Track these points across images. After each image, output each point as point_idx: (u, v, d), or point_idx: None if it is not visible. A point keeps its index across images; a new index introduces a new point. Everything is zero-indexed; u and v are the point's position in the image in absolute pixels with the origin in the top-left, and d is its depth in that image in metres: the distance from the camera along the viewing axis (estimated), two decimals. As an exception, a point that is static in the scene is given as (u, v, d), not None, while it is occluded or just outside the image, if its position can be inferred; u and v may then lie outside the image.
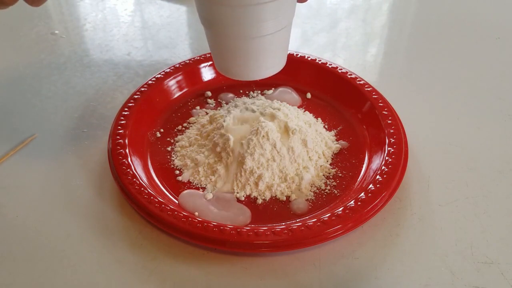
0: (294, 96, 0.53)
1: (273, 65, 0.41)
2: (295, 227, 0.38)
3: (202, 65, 0.55)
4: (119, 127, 0.46)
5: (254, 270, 0.37)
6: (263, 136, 0.43)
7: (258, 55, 0.39)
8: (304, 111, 0.51)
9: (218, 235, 0.37)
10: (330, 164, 0.46)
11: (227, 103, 0.52)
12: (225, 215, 0.41)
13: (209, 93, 0.54)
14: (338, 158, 0.46)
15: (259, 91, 0.54)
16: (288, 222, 0.39)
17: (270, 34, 0.37)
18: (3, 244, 0.40)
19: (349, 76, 0.52)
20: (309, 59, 0.55)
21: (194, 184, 0.44)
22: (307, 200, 0.42)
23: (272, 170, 0.43)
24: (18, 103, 0.55)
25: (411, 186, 0.44)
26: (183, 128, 0.50)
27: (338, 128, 0.49)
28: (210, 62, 0.55)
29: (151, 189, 0.41)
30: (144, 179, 0.43)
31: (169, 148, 0.48)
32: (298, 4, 0.40)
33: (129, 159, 0.43)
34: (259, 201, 0.42)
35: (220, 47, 0.40)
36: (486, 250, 0.39)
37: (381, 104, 0.49)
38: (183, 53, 0.63)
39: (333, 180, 0.44)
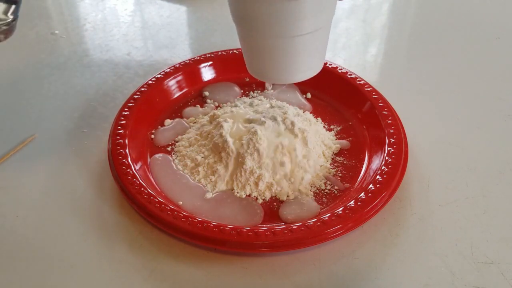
0: (297, 96, 0.53)
1: (311, 67, 0.38)
2: (295, 227, 0.38)
3: (202, 65, 0.55)
4: (119, 127, 0.46)
5: (254, 270, 0.37)
6: (263, 136, 0.43)
7: (295, 56, 0.36)
8: (304, 111, 0.51)
9: (218, 235, 0.37)
10: (330, 164, 0.46)
11: (226, 103, 0.52)
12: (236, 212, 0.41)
13: (207, 93, 0.54)
14: (338, 158, 0.46)
15: (259, 91, 0.54)
16: (288, 222, 0.39)
17: (309, 33, 0.35)
18: (3, 244, 0.40)
19: (349, 76, 0.52)
20: (309, 59, 0.55)
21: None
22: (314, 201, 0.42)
23: (272, 170, 0.43)
24: (18, 103, 0.55)
25: (411, 186, 0.44)
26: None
27: (338, 128, 0.49)
28: (210, 62, 0.55)
29: (151, 189, 0.41)
30: (144, 179, 0.42)
31: (169, 148, 0.48)
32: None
33: (129, 159, 0.43)
34: (259, 201, 0.42)
35: (254, 47, 0.37)
36: (486, 250, 0.39)
37: (381, 104, 0.49)
38: (183, 53, 0.63)
39: (333, 180, 0.44)
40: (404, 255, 0.38)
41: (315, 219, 0.38)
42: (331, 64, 0.54)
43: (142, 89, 0.51)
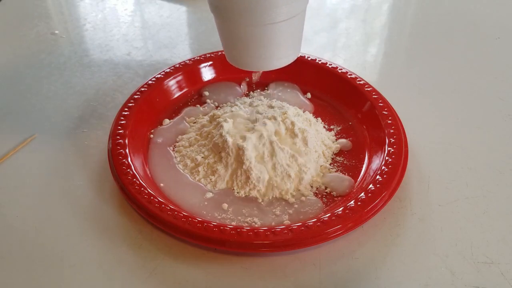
0: (298, 96, 0.53)
1: (286, 55, 0.39)
2: (295, 227, 0.38)
3: (202, 65, 0.55)
4: (119, 127, 0.46)
5: (254, 270, 0.37)
6: (263, 136, 0.43)
7: (270, 43, 0.37)
8: (304, 111, 0.51)
9: (218, 235, 0.37)
10: (330, 164, 0.46)
11: (226, 103, 0.52)
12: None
13: (207, 93, 0.54)
14: (338, 158, 0.46)
15: (259, 90, 0.54)
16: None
17: (284, 20, 0.36)
18: (3, 244, 0.40)
19: (349, 76, 0.52)
20: (309, 59, 0.55)
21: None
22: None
23: (272, 170, 0.43)
24: (18, 103, 0.55)
25: (411, 186, 0.44)
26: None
27: (338, 128, 0.49)
28: (210, 62, 0.55)
29: (151, 189, 0.41)
30: (144, 179, 0.42)
31: (169, 148, 0.48)
32: None
33: (129, 159, 0.43)
34: (259, 200, 0.42)
35: (230, 36, 0.38)
36: (486, 250, 0.39)
37: (381, 104, 0.49)
38: (183, 53, 0.63)
39: (333, 180, 0.44)
40: (404, 255, 0.38)
41: (315, 219, 0.38)
42: (331, 64, 0.54)
43: (142, 89, 0.51)
